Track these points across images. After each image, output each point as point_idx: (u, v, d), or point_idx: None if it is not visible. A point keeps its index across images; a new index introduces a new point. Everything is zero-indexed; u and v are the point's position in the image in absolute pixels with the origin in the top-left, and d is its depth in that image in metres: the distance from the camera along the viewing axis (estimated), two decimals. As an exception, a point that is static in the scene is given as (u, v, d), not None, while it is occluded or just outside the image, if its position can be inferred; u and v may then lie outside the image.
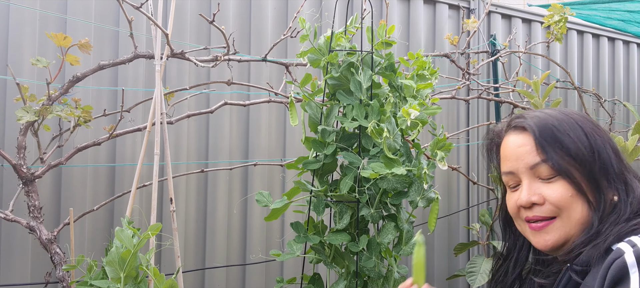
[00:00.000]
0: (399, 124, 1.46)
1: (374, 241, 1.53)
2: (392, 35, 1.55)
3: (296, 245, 1.53)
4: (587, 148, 0.93)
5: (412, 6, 2.99)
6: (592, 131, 0.95)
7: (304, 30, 1.51)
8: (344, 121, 1.49)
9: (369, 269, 1.52)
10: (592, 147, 0.93)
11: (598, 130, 0.96)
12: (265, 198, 1.55)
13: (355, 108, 1.47)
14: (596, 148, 0.93)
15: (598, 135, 0.95)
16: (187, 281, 2.38)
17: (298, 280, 1.68)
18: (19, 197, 1.83)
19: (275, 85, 2.46)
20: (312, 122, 1.57)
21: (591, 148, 0.93)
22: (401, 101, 1.53)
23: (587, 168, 0.92)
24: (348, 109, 1.49)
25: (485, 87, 2.82)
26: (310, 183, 1.58)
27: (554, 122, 0.96)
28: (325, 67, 1.53)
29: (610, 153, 0.94)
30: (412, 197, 1.54)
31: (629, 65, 4.00)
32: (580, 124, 0.96)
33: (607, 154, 0.93)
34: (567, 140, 0.94)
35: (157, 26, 1.63)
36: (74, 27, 2.17)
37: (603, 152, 0.93)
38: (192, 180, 2.43)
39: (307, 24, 1.52)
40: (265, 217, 1.60)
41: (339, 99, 1.51)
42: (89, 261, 1.46)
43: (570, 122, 0.96)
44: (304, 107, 1.57)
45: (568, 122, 0.96)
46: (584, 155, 0.93)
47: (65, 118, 1.72)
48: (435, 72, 1.53)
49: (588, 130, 0.95)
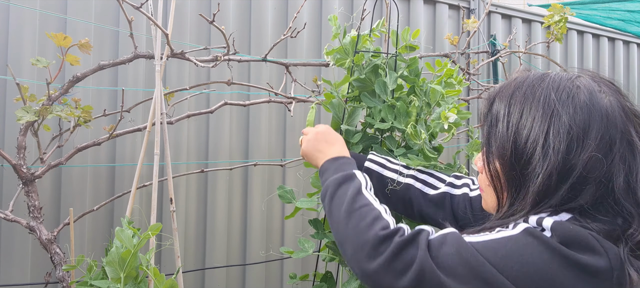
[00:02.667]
0: (430, 128, 1.48)
1: None
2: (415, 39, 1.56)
3: (308, 243, 1.53)
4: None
5: (412, 6, 2.99)
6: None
7: (334, 28, 1.51)
8: (373, 122, 1.50)
9: None
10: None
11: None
12: (289, 194, 1.55)
13: (384, 110, 1.48)
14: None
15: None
16: (187, 281, 2.38)
17: (310, 278, 1.68)
18: (19, 197, 1.83)
19: (275, 85, 2.46)
20: (335, 121, 1.58)
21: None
22: (425, 106, 1.54)
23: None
24: (375, 111, 1.50)
25: (485, 87, 2.81)
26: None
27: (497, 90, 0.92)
28: (350, 68, 1.54)
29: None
30: None
31: (629, 65, 4.00)
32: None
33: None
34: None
35: (157, 26, 1.63)
36: (74, 27, 2.17)
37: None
38: (192, 180, 2.43)
39: (338, 22, 1.53)
40: (286, 216, 1.60)
41: (363, 100, 1.52)
42: (89, 261, 1.46)
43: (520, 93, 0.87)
44: (326, 106, 1.57)
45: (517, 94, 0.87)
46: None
47: (65, 118, 1.72)
48: (461, 80, 1.54)
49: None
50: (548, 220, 0.77)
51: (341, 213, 0.97)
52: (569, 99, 0.82)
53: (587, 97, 0.82)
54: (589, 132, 0.79)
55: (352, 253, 0.90)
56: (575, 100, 0.81)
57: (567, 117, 0.80)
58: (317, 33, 2.71)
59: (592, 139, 0.78)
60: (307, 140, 1.25)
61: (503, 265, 0.74)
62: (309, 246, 1.53)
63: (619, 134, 0.79)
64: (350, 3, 2.80)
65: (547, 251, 0.74)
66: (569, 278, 0.73)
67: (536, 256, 0.74)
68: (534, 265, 0.73)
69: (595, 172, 0.78)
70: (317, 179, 1.57)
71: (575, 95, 0.82)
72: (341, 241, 0.95)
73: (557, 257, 0.73)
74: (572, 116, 0.80)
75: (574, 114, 0.80)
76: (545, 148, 0.79)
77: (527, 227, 0.78)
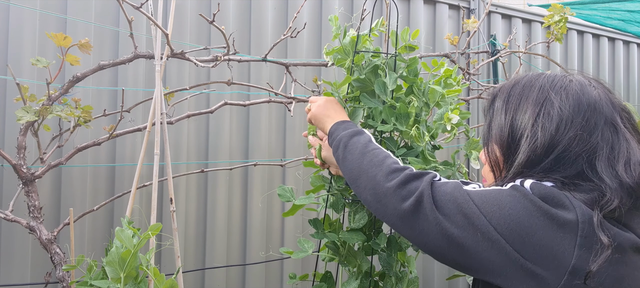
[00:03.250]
0: (431, 129, 1.48)
1: (393, 240, 1.54)
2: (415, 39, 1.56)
3: (307, 244, 1.53)
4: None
5: (412, 6, 2.99)
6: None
7: (335, 28, 1.51)
8: (373, 124, 1.50)
9: (387, 268, 1.53)
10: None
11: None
12: (288, 193, 1.56)
13: (384, 111, 1.48)
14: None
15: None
16: (187, 281, 2.38)
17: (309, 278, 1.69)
18: (19, 197, 1.83)
19: (275, 85, 2.46)
20: None
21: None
22: (424, 106, 1.54)
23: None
24: (376, 112, 1.50)
25: (485, 87, 2.81)
26: (328, 182, 1.58)
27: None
28: (350, 68, 1.54)
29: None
30: None
31: (629, 65, 4.00)
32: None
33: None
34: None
35: (157, 26, 1.63)
36: (74, 27, 2.17)
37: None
38: (192, 180, 2.43)
39: (338, 22, 1.53)
40: (284, 213, 1.62)
41: (362, 101, 1.52)
42: (89, 261, 1.46)
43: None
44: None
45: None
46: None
47: (65, 118, 1.72)
48: (459, 81, 1.55)
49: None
50: (528, 181, 0.88)
51: (356, 155, 1.13)
52: (562, 88, 0.92)
53: (578, 87, 0.92)
54: (576, 115, 0.89)
55: (366, 181, 1.06)
56: (567, 90, 0.92)
57: (558, 102, 0.90)
58: (317, 33, 2.71)
59: (579, 121, 0.88)
60: (317, 105, 1.35)
61: (486, 209, 0.86)
62: (309, 246, 1.53)
63: (604, 119, 0.89)
64: (350, 3, 2.80)
65: (525, 200, 0.85)
66: (540, 227, 0.82)
67: (515, 204, 0.85)
68: (513, 210, 0.85)
69: (578, 148, 0.87)
70: (316, 178, 1.57)
71: (567, 86, 0.93)
72: (355, 177, 1.10)
73: (533, 206, 0.84)
74: (563, 101, 0.90)
75: (566, 99, 0.90)
76: (535, 127, 0.90)
77: (513, 184, 0.89)
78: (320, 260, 1.61)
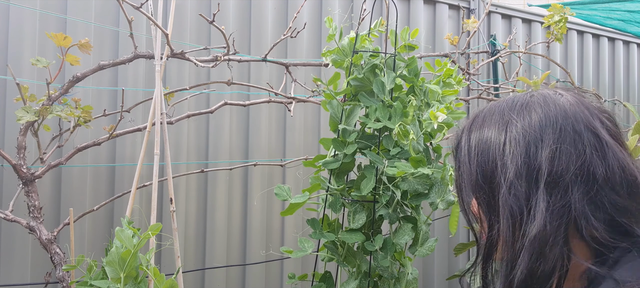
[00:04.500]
0: (423, 127, 1.48)
1: (389, 241, 1.54)
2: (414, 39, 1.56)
3: (307, 243, 1.53)
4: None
5: (412, 6, 2.99)
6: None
7: (331, 29, 1.51)
8: (367, 122, 1.50)
9: (382, 269, 1.53)
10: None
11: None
12: (285, 192, 1.55)
13: (379, 109, 1.48)
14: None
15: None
16: (187, 281, 2.38)
17: (308, 279, 1.69)
18: (19, 197, 1.83)
19: (275, 85, 2.46)
20: (333, 121, 1.58)
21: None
22: (424, 105, 1.54)
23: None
24: (371, 110, 1.50)
25: (485, 87, 2.82)
26: (327, 182, 1.59)
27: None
28: (349, 68, 1.54)
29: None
30: (432, 199, 1.53)
31: (629, 65, 4.00)
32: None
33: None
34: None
35: (157, 26, 1.63)
36: (74, 27, 2.17)
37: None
38: (192, 180, 2.43)
39: (334, 24, 1.53)
40: (281, 212, 1.62)
41: (361, 100, 1.52)
42: (89, 261, 1.46)
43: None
44: (325, 105, 1.57)
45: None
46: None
47: (65, 118, 1.72)
48: (460, 81, 1.54)
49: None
50: None
51: None
52: (523, 107, 0.81)
53: (541, 100, 0.81)
54: (545, 129, 0.77)
55: None
56: (529, 107, 0.80)
57: (521, 123, 0.79)
58: (317, 33, 2.71)
59: (550, 135, 0.76)
60: None
61: None
62: (309, 246, 1.53)
63: (583, 126, 0.77)
64: (350, 3, 2.80)
65: None
66: None
67: None
68: None
69: (568, 167, 0.74)
70: (316, 179, 1.57)
71: (528, 103, 0.81)
72: None
73: None
74: (527, 121, 0.79)
75: (529, 119, 0.79)
76: (504, 158, 0.78)
77: None
78: (320, 260, 1.62)
